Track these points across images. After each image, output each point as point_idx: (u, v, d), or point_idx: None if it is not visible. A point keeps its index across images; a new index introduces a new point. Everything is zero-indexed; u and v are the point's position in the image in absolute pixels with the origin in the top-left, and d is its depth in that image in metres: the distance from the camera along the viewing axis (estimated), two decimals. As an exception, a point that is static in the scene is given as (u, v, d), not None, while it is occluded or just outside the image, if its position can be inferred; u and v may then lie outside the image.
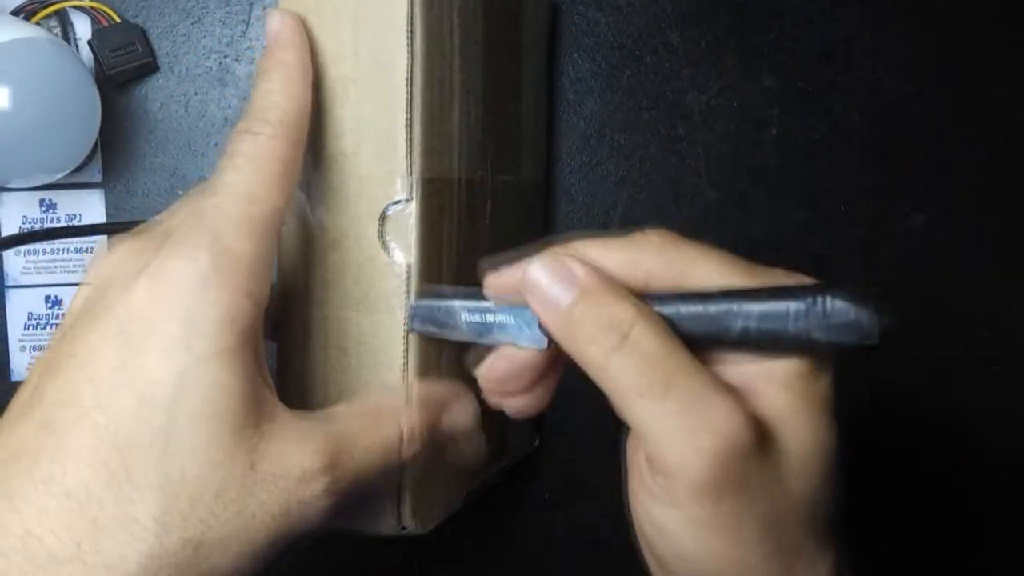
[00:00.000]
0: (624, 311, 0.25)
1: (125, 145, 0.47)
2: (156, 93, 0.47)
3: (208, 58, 0.47)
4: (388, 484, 0.31)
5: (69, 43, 0.46)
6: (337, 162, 0.31)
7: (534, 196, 0.45)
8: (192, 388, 0.24)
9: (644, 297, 0.26)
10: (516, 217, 0.42)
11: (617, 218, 0.46)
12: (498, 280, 0.28)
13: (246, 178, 0.27)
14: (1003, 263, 0.47)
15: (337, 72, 0.30)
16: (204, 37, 0.47)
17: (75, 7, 0.46)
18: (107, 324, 0.24)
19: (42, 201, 0.47)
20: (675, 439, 0.24)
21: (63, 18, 0.46)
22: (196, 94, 0.47)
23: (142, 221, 0.46)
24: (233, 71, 0.47)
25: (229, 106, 0.47)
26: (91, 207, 0.47)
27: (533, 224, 0.45)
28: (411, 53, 0.30)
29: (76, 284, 0.47)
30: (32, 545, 0.22)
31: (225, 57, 0.47)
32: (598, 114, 0.46)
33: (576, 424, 0.47)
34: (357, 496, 0.27)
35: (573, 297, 0.26)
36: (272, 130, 0.28)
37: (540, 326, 0.27)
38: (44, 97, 0.40)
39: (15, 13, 0.45)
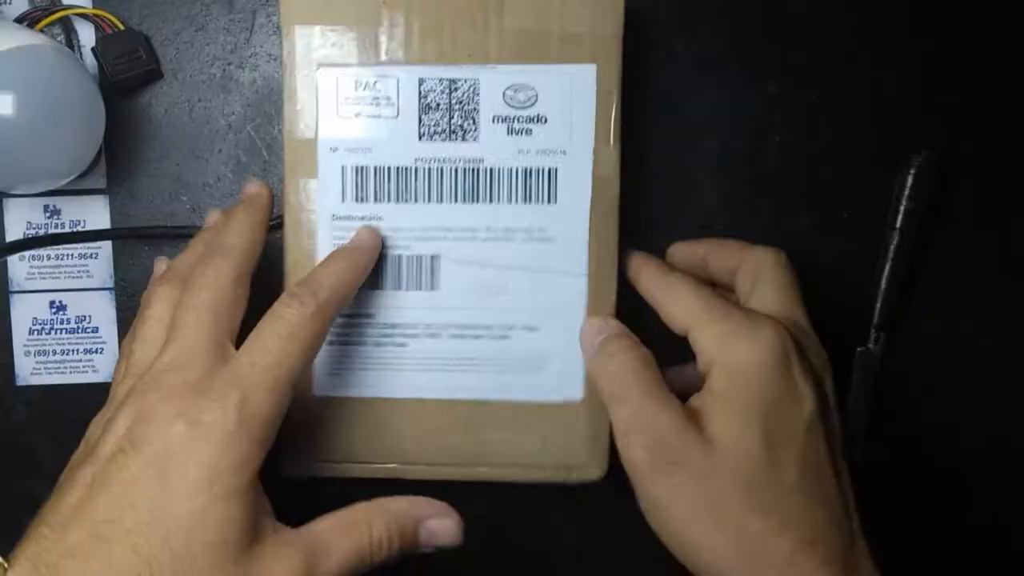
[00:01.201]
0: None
1: (129, 152, 0.47)
2: (160, 100, 0.47)
3: (212, 65, 0.47)
4: None
5: (73, 50, 0.46)
6: None
7: None
8: (207, 522, 0.30)
9: None
10: None
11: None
12: None
13: (283, 347, 0.33)
14: (1007, 272, 0.47)
15: None
16: (208, 44, 0.47)
17: (79, 15, 0.46)
18: (148, 460, 0.31)
19: (46, 207, 0.47)
20: None
21: (67, 25, 0.46)
22: (200, 101, 0.47)
23: (146, 227, 0.46)
24: (237, 78, 0.47)
25: (233, 113, 0.47)
26: (95, 213, 0.47)
27: None
28: None
29: (80, 290, 0.48)
30: None
31: (229, 64, 0.47)
32: (600, 121, 0.46)
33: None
34: None
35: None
36: (316, 307, 0.34)
37: None
38: (48, 104, 0.40)
39: (19, 20, 0.45)
